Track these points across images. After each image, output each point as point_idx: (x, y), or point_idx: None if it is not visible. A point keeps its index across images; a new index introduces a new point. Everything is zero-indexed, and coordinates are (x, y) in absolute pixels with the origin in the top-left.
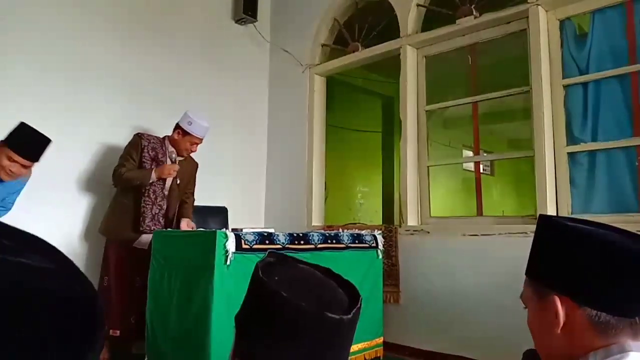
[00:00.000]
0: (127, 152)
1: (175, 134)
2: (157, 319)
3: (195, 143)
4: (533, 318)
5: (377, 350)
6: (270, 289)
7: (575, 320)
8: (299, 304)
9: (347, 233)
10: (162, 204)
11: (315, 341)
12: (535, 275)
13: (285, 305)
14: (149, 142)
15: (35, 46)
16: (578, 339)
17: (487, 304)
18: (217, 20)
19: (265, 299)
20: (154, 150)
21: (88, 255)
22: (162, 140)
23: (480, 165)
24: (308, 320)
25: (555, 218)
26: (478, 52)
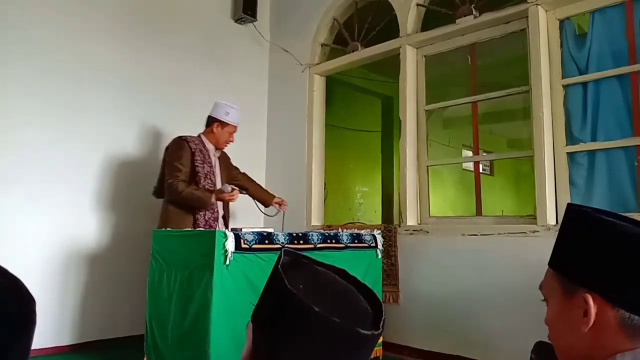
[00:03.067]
0: (177, 161)
1: (214, 127)
2: (157, 319)
3: (232, 132)
4: (555, 313)
5: (377, 350)
6: (300, 302)
7: (606, 320)
8: (331, 320)
9: (347, 233)
10: (214, 207)
11: (344, 354)
12: (564, 269)
13: (317, 320)
14: (196, 145)
15: (37, 46)
16: (605, 340)
17: (487, 304)
18: (217, 19)
19: (295, 311)
20: (201, 153)
21: (92, 252)
22: (200, 139)
23: (480, 165)
24: (339, 334)
25: (587, 210)
26: (478, 51)
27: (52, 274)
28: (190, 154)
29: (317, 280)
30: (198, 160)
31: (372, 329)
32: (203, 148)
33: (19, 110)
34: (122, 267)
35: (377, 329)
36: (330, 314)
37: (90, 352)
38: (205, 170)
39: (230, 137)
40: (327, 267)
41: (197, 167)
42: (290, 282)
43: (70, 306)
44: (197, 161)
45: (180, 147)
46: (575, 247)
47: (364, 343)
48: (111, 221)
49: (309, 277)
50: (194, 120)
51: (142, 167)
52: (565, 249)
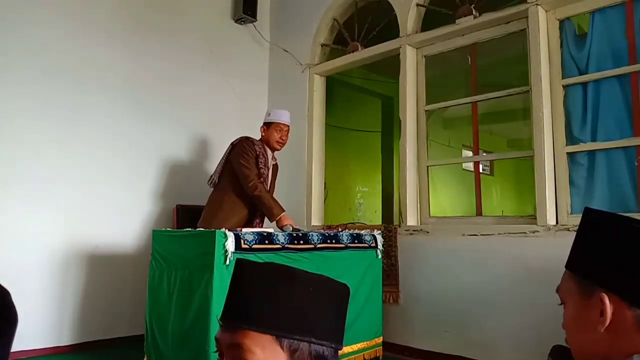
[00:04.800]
0: (247, 161)
1: (262, 131)
2: (157, 319)
3: (280, 129)
4: (573, 314)
5: (377, 350)
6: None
7: (623, 320)
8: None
9: (347, 233)
10: None
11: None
12: (581, 270)
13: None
14: (259, 148)
15: (37, 46)
16: (622, 340)
17: (487, 304)
18: (217, 19)
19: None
20: (263, 157)
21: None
22: (262, 144)
23: (480, 165)
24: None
25: (605, 212)
26: (478, 51)
27: (51, 274)
28: (255, 156)
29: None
30: (261, 162)
31: None
32: (264, 152)
33: (20, 110)
34: (122, 267)
35: None
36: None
37: (91, 352)
38: (265, 173)
39: (279, 135)
40: None
41: (261, 169)
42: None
43: (70, 306)
44: (260, 163)
45: (248, 148)
46: (593, 248)
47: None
48: (111, 221)
49: None
50: (194, 119)
51: (143, 167)
52: (582, 250)
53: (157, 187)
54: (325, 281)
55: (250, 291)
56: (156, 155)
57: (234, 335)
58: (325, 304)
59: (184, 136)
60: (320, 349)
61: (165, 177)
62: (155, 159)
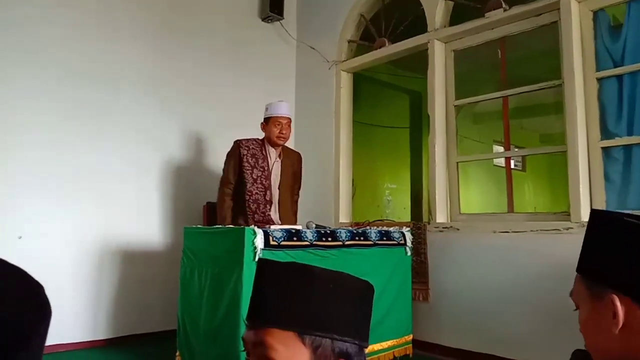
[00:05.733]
0: (227, 166)
1: (262, 128)
2: (188, 314)
3: (279, 123)
4: (586, 317)
5: (407, 347)
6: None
7: (636, 321)
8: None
9: (375, 230)
10: (265, 211)
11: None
12: (591, 273)
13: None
14: (248, 150)
15: (64, 48)
16: (637, 340)
17: (519, 302)
18: (244, 19)
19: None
20: (253, 157)
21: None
22: (262, 142)
23: (511, 161)
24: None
25: (611, 213)
26: (508, 45)
27: (86, 270)
28: (238, 159)
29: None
30: (247, 166)
31: None
32: (260, 152)
33: (49, 110)
34: (154, 263)
35: None
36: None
37: (125, 346)
38: (255, 175)
39: (278, 129)
40: None
41: (245, 172)
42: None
43: (104, 301)
44: (245, 167)
45: (231, 152)
46: (602, 250)
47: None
48: (143, 218)
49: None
50: (220, 119)
51: (171, 167)
52: (591, 252)
53: (187, 185)
54: (345, 278)
55: (271, 290)
56: (185, 154)
57: (258, 334)
58: (347, 301)
59: (211, 135)
60: (343, 346)
61: (194, 176)
62: (185, 158)
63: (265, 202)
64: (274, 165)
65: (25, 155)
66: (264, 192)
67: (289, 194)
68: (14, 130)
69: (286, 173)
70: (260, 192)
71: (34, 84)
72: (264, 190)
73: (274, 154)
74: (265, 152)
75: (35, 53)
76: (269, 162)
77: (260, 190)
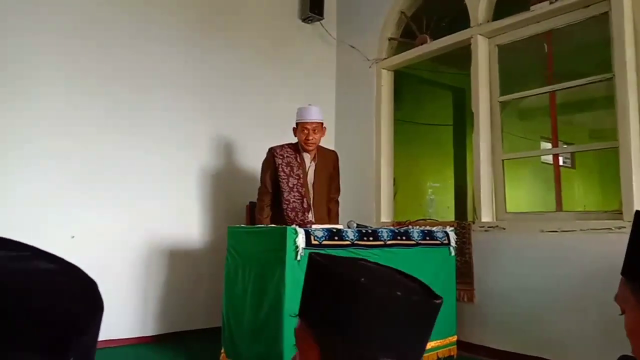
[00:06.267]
0: (263, 173)
1: (293, 132)
2: (232, 311)
3: (306, 129)
4: (632, 322)
5: (451, 349)
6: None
7: None
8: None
9: (418, 229)
10: (304, 219)
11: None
12: (635, 276)
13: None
14: (282, 158)
15: (103, 50)
16: None
17: (568, 304)
18: (284, 19)
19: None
20: (288, 166)
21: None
22: (296, 146)
23: (560, 158)
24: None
25: None
26: (555, 38)
27: (135, 269)
28: (273, 168)
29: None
30: (282, 175)
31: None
32: (294, 158)
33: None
34: (199, 262)
35: (440, 297)
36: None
37: (172, 343)
38: (291, 183)
39: (304, 135)
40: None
41: (281, 182)
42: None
43: (152, 299)
44: (281, 176)
45: (265, 161)
46: None
47: (438, 311)
48: (188, 217)
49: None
50: (260, 120)
51: (213, 167)
52: (636, 255)
53: (230, 185)
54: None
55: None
56: (226, 155)
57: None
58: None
59: (251, 135)
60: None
61: (236, 175)
62: (226, 158)
63: (303, 209)
64: (308, 170)
65: (77, 158)
66: (301, 199)
67: (325, 198)
68: (68, 134)
69: (321, 176)
70: (298, 200)
71: (84, 89)
72: (301, 197)
73: (308, 159)
74: (300, 157)
75: (72, 56)
76: (304, 168)
77: (297, 198)
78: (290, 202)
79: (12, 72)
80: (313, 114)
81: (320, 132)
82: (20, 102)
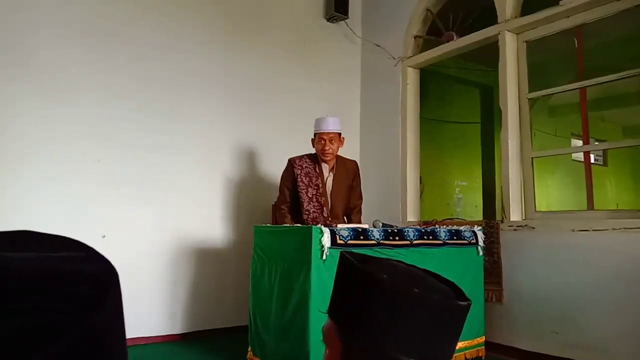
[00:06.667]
0: (282, 183)
1: (312, 143)
2: (259, 310)
3: (322, 139)
4: None
5: (479, 349)
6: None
7: None
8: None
9: (445, 229)
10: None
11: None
12: None
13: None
14: (301, 169)
15: (136, 55)
16: None
17: (600, 305)
18: (308, 19)
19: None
20: (307, 176)
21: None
22: (315, 156)
23: (591, 155)
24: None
25: None
26: (585, 33)
27: (164, 268)
28: (292, 179)
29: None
30: (301, 185)
31: (464, 300)
32: (312, 169)
33: (120, 115)
34: (226, 260)
35: (468, 299)
36: (425, 293)
37: (199, 340)
38: (310, 194)
39: (321, 146)
40: (389, 259)
41: (300, 192)
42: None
43: (181, 297)
44: (300, 186)
45: (285, 172)
46: None
47: (464, 314)
48: (216, 217)
49: (383, 267)
50: (286, 120)
51: (241, 168)
52: None
53: (256, 184)
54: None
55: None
56: (253, 154)
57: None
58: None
59: (278, 135)
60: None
61: (262, 175)
62: (252, 158)
63: (323, 219)
64: (327, 180)
65: (108, 159)
66: (320, 209)
67: (344, 207)
68: (101, 137)
69: (340, 187)
70: (317, 210)
71: (117, 94)
72: (320, 207)
73: (327, 169)
74: (319, 168)
75: (109, 61)
76: (323, 179)
77: (317, 208)
78: (311, 212)
79: (48, 77)
80: (330, 125)
81: (337, 143)
82: (55, 106)
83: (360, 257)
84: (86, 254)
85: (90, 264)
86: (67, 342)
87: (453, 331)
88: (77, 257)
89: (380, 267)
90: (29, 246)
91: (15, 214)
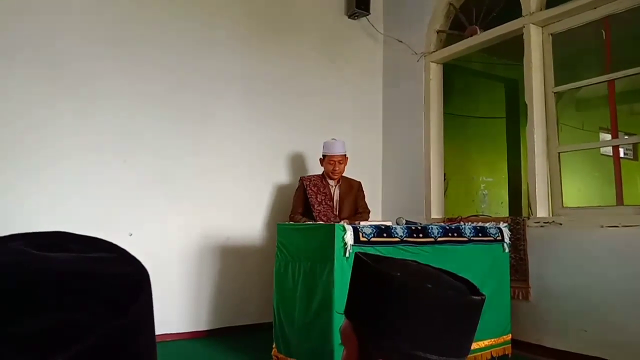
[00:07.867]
0: (294, 200)
1: (320, 163)
2: (283, 308)
3: (332, 161)
4: None
5: (505, 347)
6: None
7: None
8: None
9: (470, 226)
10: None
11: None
12: None
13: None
14: (309, 181)
15: (166, 62)
16: None
17: (629, 302)
18: (330, 17)
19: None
20: (315, 186)
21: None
22: (323, 176)
23: (620, 149)
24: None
25: None
26: (613, 24)
27: (190, 265)
28: (303, 190)
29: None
30: (311, 193)
31: (478, 295)
32: (320, 182)
33: (155, 120)
34: (250, 258)
35: (482, 294)
36: (439, 289)
37: (224, 337)
38: (319, 198)
39: (331, 167)
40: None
41: (310, 197)
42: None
43: (206, 294)
44: (309, 193)
45: (297, 189)
46: None
47: (478, 309)
48: (239, 215)
49: (397, 266)
50: (310, 118)
51: (267, 168)
52: None
53: (279, 184)
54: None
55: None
56: (277, 153)
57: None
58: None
59: (302, 134)
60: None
61: (285, 174)
62: (276, 156)
63: (333, 216)
64: (334, 191)
65: (136, 159)
66: (330, 209)
67: (351, 212)
68: (131, 139)
69: (346, 197)
70: (327, 209)
71: (148, 97)
72: (329, 208)
73: (333, 183)
74: (326, 181)
75: (144, 70)
76: (330, 189)
77: (326, 209)
78: (321, 211)
79: (83, 83)
80: (338, 148)
81: (344, 163)
82: (89, 110)
83: (375, 257)
84: (118, 255)
85: (124, 265)
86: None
87: (468, 326)
88: (111, 258)
89: (393, 266)
90: (66, 247)
91: (47, 214)
